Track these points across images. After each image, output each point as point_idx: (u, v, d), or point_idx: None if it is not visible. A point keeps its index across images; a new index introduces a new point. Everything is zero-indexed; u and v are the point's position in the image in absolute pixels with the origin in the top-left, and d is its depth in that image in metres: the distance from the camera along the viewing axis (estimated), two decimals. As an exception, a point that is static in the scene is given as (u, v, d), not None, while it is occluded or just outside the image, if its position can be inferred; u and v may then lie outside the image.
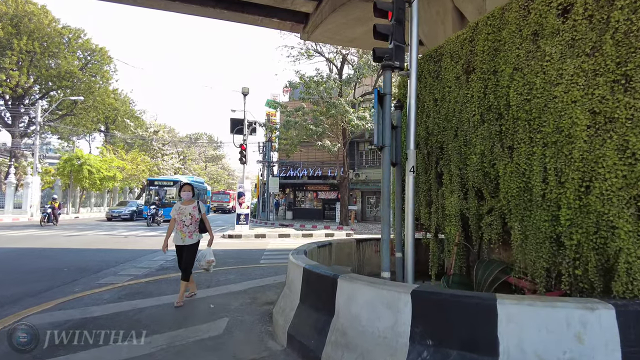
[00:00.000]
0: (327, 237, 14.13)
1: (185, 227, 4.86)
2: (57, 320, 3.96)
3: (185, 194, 5.06)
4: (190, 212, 4.91)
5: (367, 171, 25.56)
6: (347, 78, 19.43)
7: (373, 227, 20.56)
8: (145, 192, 23.11)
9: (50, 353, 3.18)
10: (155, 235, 14.00)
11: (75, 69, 29.29)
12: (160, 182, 22.75)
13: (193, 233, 4.89)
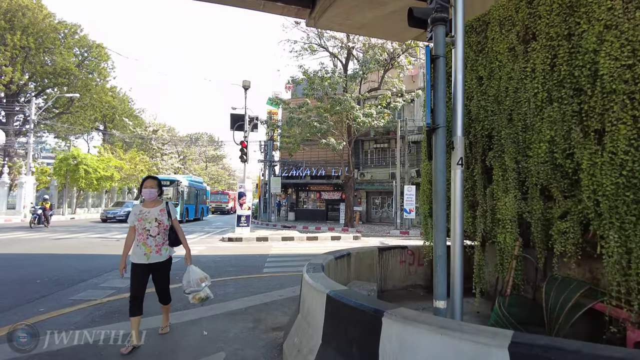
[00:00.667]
0: (334, 241, 13.23)
1: (151, 238, 3.46)
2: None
3: (148, 192, 3.57)
4: (157, 218, 3.51)
5: (372, 171, 24.66)
6: (353, 73, 18.53)
7: (380, 229, 19.66)
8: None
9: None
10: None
11: (72, 65, 28.43)
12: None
13: (162, 246, 3.54)
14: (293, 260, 8.41)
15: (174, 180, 21.77)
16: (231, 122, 13.72)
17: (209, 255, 8.93)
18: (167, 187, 21.02)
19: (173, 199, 20.85)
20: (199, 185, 27.65)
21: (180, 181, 21.54)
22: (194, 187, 25.40)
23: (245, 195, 13.68)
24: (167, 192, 20.88)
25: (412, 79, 23.37)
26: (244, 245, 11.35)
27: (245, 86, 13.41)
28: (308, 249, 10.68)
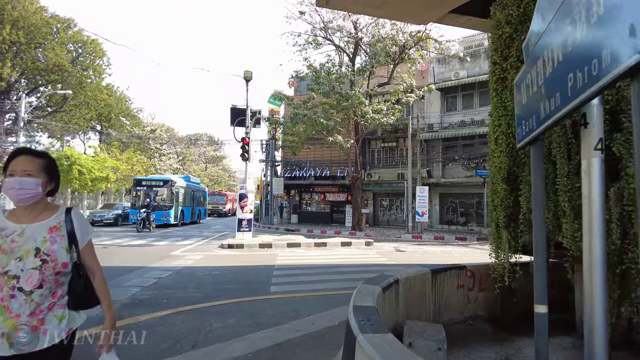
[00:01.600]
0: (344, 248, 12.00)
1: (19, 295, 1.46)
2: None
3: (15, 184, 1.49)
4: (41, 247, 1.50)
5: (379, 171, 23.44)
6: (362, 66, 17.33)
7: (389, 233, 18.44)
8: (132, 193, 20.24)
9: None
10: (142, 244, 11.88)
11: (65, 62, 27.24)
12: (149, 182, 20.03)
13: (47, 315, 1.52)
14: (304, 273, 7.18)
15: (167, 180, 20.26)
16: (231, 117, 12.52)
17: (205, 267, 7.70)
18: (160, 188, 19.62)
19: (167, 200, 19.35)
20: (196, 187, 26.20)
21: (174, 181, 20.11)
22: (191, 188, 24.03)
23: (247, 197, 12.46)
24: (161, 193, 19.49)
25: (422, 74, 22.19)
26: (246, 254, 10.12)
27: (246, 77, 12.21)
28: (318, 258, 9.45)
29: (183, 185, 22.00)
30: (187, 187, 22.83)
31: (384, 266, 8.39)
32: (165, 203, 19.46)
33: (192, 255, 9.53)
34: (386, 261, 9.14)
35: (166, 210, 19.13)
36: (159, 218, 18.55)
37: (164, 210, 19.01)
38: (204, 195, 28.79)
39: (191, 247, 11.45)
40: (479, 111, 20.92)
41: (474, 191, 20.87)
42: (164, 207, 19.18)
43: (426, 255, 10.60)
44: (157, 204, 19.16)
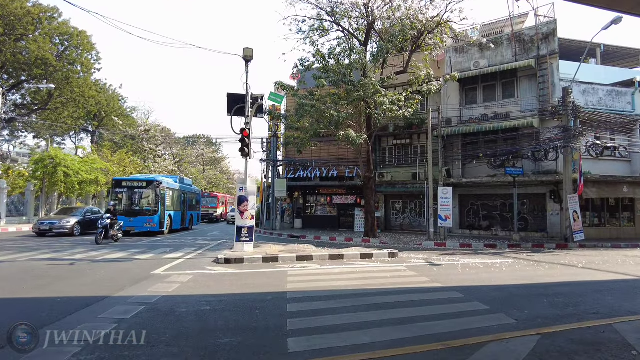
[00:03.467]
0: (366, 261, 9.92)
1: None
2: None
3: None
4: None
5: (392, 171, 21.40)
6: (377, 50, 15.30)
7: (408, 240, 16.38)
8: (111, 195, 17.51)
9: None
10: (121, 259, 9.78)
11: (50, 55, 25.18)
12: (130, 183, 17.42)
13: None
14: (331, 308, 5.08)
15: (151, 180, 17.55)
16: (228, 105, 10.46)
17: (192, 298, 5.63)
18: (143, 190, 17.09)
19: (151, 204, 16.90)
20: (188, 188, 23.43)
21: (159, 182, 17.38)
22: (181, 190, 21.42)
23: (248, 201, 10.38)
24: (145, 196, 17.07)
25: (438, 64, 20.21)
26: (247, 272, 8.04)
27: (246, 57, 10.17)
28: (340, 278, 7.38)
29: (171, 186, 19.59)
30: (176, 189, 20.40)
31: (437, 291, 6.31)
32: (148, 207, 16.89)
33: (177, 275, 7.44)
34: (429, 282, 7.07)
35: (150, 215, 16.59)
36: (142, 225, 16.40)
37: (147, 216, 16.56)
38: (197, 198, 25.91)
39: (180, 262, 9.36)
40: (502, 104, 18.94)
41: (499, 192, 18.85)
42: (147, 212, 16.71)
43: (471, 271, 8.54)
44: (140, 209, 16.80)
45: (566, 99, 15.32)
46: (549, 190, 17.61)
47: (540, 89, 17.73)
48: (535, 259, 11.14)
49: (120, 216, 16.06)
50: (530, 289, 6.65)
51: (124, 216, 16.07)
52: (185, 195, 22.16)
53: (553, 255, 12.34)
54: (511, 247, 14.58)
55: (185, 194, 22.18)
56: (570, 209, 14.90)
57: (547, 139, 16.10)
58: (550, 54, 17.61)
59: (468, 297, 5.89)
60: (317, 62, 16.11)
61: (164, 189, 17.70)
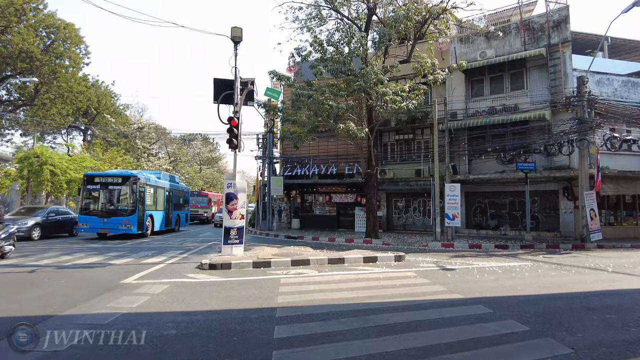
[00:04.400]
0: (370, 265, 8.85)
1: None
2: None
3: None
4: None
5: (394, 167, 20.31)
6: (379, 35, 14.20)
7: (412, 240, 15.31)
8: (82, 193, 15.38)
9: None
10: (93, 264, 8.67)
11: (35, 48, 24.00)
12: (103, 179, 15.40)
13: None
14: (331, 333, 3.99)
15: (128, 175, 15.45)
16: (215, 91, 9.37)
17: (158, 317, 4.54)
18: (119, 187, 15.16)
19: (127, 203, 15.03)
20: (174, 186, 21.22)
21: (137, 177, 15.34)
22: (164, 188, 19.38)
23: (237, 198, 9.29)
24: (122, 192, 15.19)
25: (442, 55, 19.13)
26: (233, 281, 6.95)
27: (235, 37, 9.07)
28: (341, 288, 6.30)
29: (153, 183, 17.59)
30: (158, 186, 18.41)
31: (458, 305, 5.21)
32: (124, 206, 15.03)
33: (150, 285, 6.35)
34: (447, 293, 5.99)
35: (126, 215, 14.74)
36: (117, 227, 14.67)
37: (122, 216, 14.71)
38: (185, 196, 23.59)
39: (159, 267, 8.27)
40: (510, 95, 17.89)
41: (507, 189, 17.80)
42: (122, 212, 14.86)
43: (490, 277, 7.46)
44: (115, 208, 15.04)
45: (581, 88, 14.27)
46: (561, 186, 16.57)
47: (551, 79, 16.68)
48: (554, 262, 10.10)
49: (93, 217, 14.55)
50: (568, 300, 5.58)
51: (96, 217, 14.60)
52: (171, 193, 20.20)
53: (572, 256, 11.31)
54: (524, 247, 13.56)
55: (171, 192, 20.23)
56: (586, 207, 13.87)
57: (561, 132, 15.06)
58: (562, 42, 16.57)
59: (498, 312, 4.82)
60: (315, 52, 15.07)
61: (143, 186, 15.93)
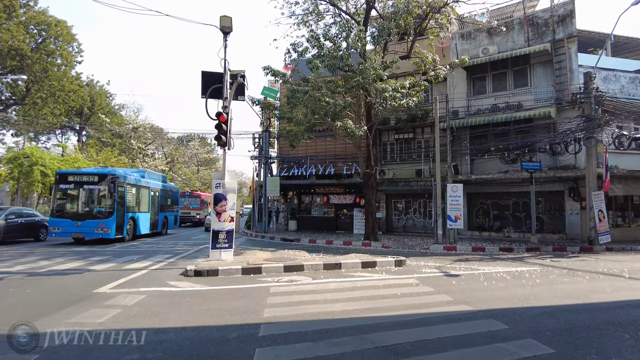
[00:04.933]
0: (368, 271, 8.25)
1: None
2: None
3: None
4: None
5: (394, 168, 19.73)
6: (378, 29, 13.64)
7: (412, 243, 14.72)
8: (54, 193, 14.06)
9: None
10: (71, 270, 8.05)
11: (25, 45, 23.39)
12: (78, 177, 13.80)
13: None
14: (326, 357, 3.40)
15: (105, 173, 14.00)
16: (203, 85, 8.77)
17: (125, 335, 3.92)
18: (95, 186, 13.69)
19: (105, 204, 13.52)
20: (160, 185, 19.49)
21: (115, 176, 13.95)
22: (149, 187, 17.61)
23: (227, 200, 8.68)
24: (98, 192, 13.75)
25: (443, 51, 18.59)
26: (218, 290, 6.34)
27: (224, 27, 8.48)
28: (337, 299, 5.70)
29: (135, 182, 16.01)
30: (142, 185, 16.75)
31: (468, 319, 4.59)
32: (101, 208, 13.55)
33: (126, 295, 5.74)
34: (454, 304, 5.39)
35: (102, 218, 13.30)
36: (92, 230, 13.16)
37: (98, 219, 13.24)
38: (174, 197, 21.80)
39: (140, 274, 7.65)
40: (513, 93, 17.34)
41: (511, 190, 17.22)
42: (98, 214, 13.40)
43: (499, 284, 6.86)
44: (90, 210, 13.55)
45: (589, 85, 13.73)
46: (567, 187, 16.00)
47: (556, 75, 16.13)
48: (564, 266, 9.52)
49: (66, 220, 13.15)
50: (590, 313, 4.98)
51: (69, 219, 13.18)
52: (156, 193, 18.56)
53: (581, 260, 10.72)
54: (529, 250, 12.98)
55: (156, 192, 18.59)
56: (595, 208, 13.30)
57: (567, 130, 14.50)
58: (567, 37, 16.03)
59: (514, 328, 4.22)
60: (312, 48, 14.49)
61: (123, 185, 14.51)
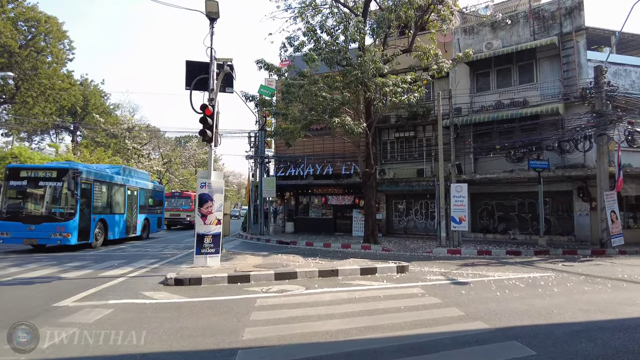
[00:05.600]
0: (367, 279, 7.52)
1: None
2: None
3: None
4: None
5: (394, 167, 19.01)
6: (378, 21, 12.93)
7: (414, 246, 14.02)
8: (3, 191, 11.75)
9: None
10: (36, 279, 7.32)
11: (13, 42, 22.67)
12: (32, 173, 11.63)
13: None
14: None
15: (64, 168, 11.69)
16: (187, 76, 8.04)
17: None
18: (52, 183, 11.50)
19: (64, 204, 11.45)
20: (141, 183, 17.22)
21: (77, 171, 11.77)
22: (126, 185, 15.45)
23: (213, 200, 7.94)
24: (56, 191, 11.56)
25: (445, 47, 17.91)
26: (198, 302, 5.60)
27: (210, 13, 7.77)
28: (334, 317, 4.96)
29: (105, 178, 13.79)
30: (115, 183, 14.46)
31: (485, 342, 3.85)
32: (59, 209, 11.44)
33: (90, 309, 5.01)
34: (465, 320, 4.66)
35: (62, 221, 11.21)
36: (48, 235, 11.03)
37: (56, 222, 11.17)
38: (158, 196, 19.45)
39: (116, 282, 6.92)
40: (518, 89, 16.65)
41: (516, 190, 16.52)
42: (56, 217, 11.27)
43: (513, 293, 6.13)
44: (47, 211, 11.44)
45: (599, 79, 13.01)
46: (576, 187, 15.30)
47: (564, 70, 15.45)
48: (579, 271, 8.81)
49: (17, 223, 11.02)
50: (629, 333, 4.25)
51: (21, 223, 11.04)
52: (135, 192, 16.36)
53: (595, 265, 10.01)
54: (538, 253, 12.28)
55: (135, 191, 16.36)
56: (607, 209, 12.59)
57: (577, 127, 13.80)
58: (576, 30, 15.35)
59: (544, 355, 3.49)
60: (308, 42, 13.79)
61: (89, 182, 12.41)
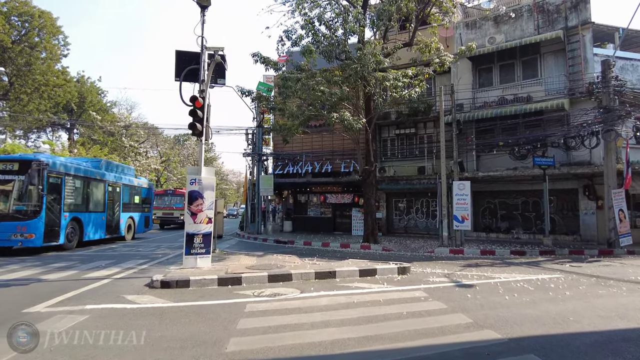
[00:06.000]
0: (366, 280, 7.11)
1: None
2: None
3: None
4: None
5: (395, 165, 18.59)
6: (378, 14, 12.48)
7: (415, 246, 13.61)
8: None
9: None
10: (14, 281, 6.90)
11: (6, 37, 22.21)
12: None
13: None
14: None
15: (28, 159, 10.39)
16: (176, 66, 7.60)
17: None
18: (13, 176, 10.20)
19: (28, 201, 10.18)
20: (123, 179, 15.75)
21: (44, 163, 10.39)
22: (106, 181, 14.18)
23: (203, 198, 7.52)
24: (19, 186, 10.26)
25: (447, 41, 17.46)
26: (183, 307, 5.18)
27: (201, 1, 7.34)
28: (330, 325, 4.53)
29: (77, 172, 12.31)
30: (91, 178, 13.13)
31: (498, 355, 3.42)
32: (21, 206, 10.18)
33: (63, 315, 4.58)
34: (474, 328, 4.25)
35: (23, 220, 9.98)
36: (7, 237, 9.87)
37: (16, 221, 9.94)
38: (145, 193, 18.07)
39: (99, 284, 6.49)
40: (522, 85, 16.23)
41: (520, 188, 16.11)
42: (16, 215, 10.05)
43: (523, 297, 5.72)
44: (6, 209, 10.20)
45: (607, 73, 12.59)
46: (581, 185, 14.88)
47: (570, 65, 15.01)
48: (588, 272, 8.40)
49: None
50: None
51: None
52: (116, 188, 14.94)
53: (605, 265, 9.60)
54: (543, 253, 11.87)
55: (117, 187, 14.96)
56: (615, 207, 12.19)
57: (583, 123, 13.39)
58: (582, 23, 14.91)
59: (566, 372, 3.08)
60: (306, 35, 13.35)
61: (59, 176, 11.11)
